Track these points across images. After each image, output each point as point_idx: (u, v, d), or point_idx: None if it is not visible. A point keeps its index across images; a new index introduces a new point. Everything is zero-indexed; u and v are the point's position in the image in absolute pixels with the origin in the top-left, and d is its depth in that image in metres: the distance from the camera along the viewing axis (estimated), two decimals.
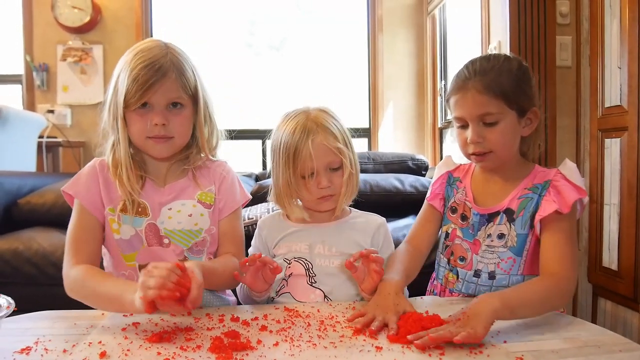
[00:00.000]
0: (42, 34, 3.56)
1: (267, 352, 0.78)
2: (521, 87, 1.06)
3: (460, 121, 1.10)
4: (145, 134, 1.05)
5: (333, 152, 1.08)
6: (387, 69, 3.72)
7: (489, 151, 1.07)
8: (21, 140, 2.79)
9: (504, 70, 1.06)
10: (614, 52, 1.78)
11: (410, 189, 2.12)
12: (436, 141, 3.56)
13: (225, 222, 1.16)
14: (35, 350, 0.80)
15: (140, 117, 1.04)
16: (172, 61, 1.05)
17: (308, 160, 1.06)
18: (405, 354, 0.77)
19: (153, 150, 1.08)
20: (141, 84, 1.00)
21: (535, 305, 0.92)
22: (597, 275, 1.90)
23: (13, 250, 1.82)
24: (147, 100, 1.02)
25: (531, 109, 1.09)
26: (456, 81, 1.10)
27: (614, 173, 1.78)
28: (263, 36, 3.97)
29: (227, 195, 1.17)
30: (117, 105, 1.04)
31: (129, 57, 1.04)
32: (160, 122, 1.04)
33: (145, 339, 0.85)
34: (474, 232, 1.14)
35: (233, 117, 3.79)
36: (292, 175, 1.08)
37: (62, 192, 1.11)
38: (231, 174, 1.21)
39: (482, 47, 2.51)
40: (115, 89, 1.05)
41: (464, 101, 1.07)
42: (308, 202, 1.12)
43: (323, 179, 1.08)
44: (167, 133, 1.06)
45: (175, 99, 1.05)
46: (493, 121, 1.05)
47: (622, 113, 1.73)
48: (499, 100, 1.04)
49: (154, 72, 1.01)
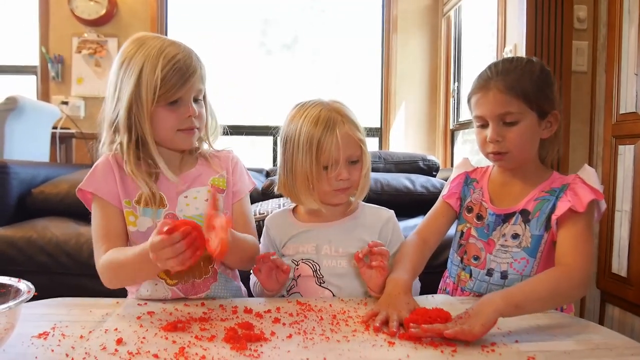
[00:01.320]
0: (58, 26, 3.59)
1: (281, 344, 0.79)
2: (542, 89, 1.07)
3: (480, 120, 1.11)
4: (177, 127, 1.07)
5: (357, 143, 1.10)
6: (401, 69, 3.72)
7: (506, 151, 1.08)
8: (35, 130, 2.83)
9: (526, 72, 1.07)
10: (631, 58, 1.77)
11: (421, 189, 2.12)
12: (447, 143, 3.56)
13: (239, 205, 1.18)
14: (52, 335, 0.82)
15: (171, 112, 1.05)
16: (196, 57, 1.08)
17: (334, 151, 1.06)
18: (417, 349, 0.78)
19: (184, 142, 1.10)
20: (178, 78, 1.02)
21: (544, 297, 0.92)
22: (605, 281, 1.89)
23: (27, 239, 1.85)
24: (180, 94, 1.04)
25: (552, 112, 1.09)
26: (478, 81, 1.11)
27: (627, 180, 1.78)
28: (276, 35, 3.98)
29: (239, 179, 1.20)
30: (140, 102, 1.02)
31: (150, 54, 1.01)
32: (194, 113, 1.06)
33: (160, 328, 0.86)
34: (488, 232, 1.14)
35: (244, 114, 3.81)
36: (314, 166, 1.07)
37: (78, 191, 1.10)
38: (239, 160, 1.24)
39: (497, 50, 2.51)
40: (138, 85, 1.01)
41: (485, 100, 1.08)
42: (323, 194, 1.11)
43: (344, 171, 1.08)
44: (195, 124, 1.09)
45: (199, 91, 1.09)
46: (513, 121, 1.06)
47: (637, 120, 1.73)
48: (520, 100, 1.05)
49: (187, 67, 1.03)
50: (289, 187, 1.13)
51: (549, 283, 0.94)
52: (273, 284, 1.07)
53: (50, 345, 0.77)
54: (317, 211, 1.16)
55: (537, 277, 0.97)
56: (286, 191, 1.15)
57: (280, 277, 1.07)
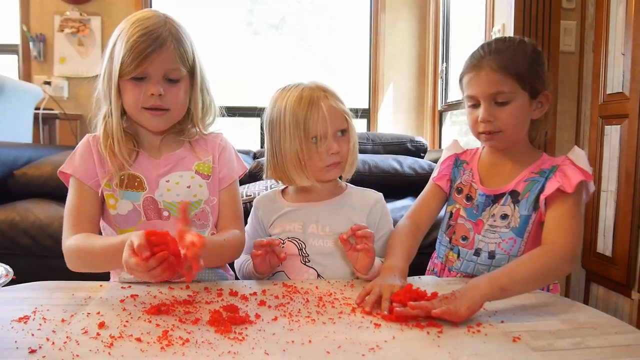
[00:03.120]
0: (39, 4, 3.49)
1: (266, 327, 0.79)
2: (535, 69, 1.07)
3: (472, 100, 1.10)
4: (140, 104, 1.03)
5: (342, 115, 1.10)
6: (389, 49, 3.69)
7: (498, 131, 1.08)
8: (17, 111, 2.76)
9: (519, 51, 1.07)
10: (619, 38, 1.77)
11: (409, 170, 2.12)
12: (435, 124, 3.55)
13: (225, 192, 1.16)
14: (33, 319, 0.80)
15: (135, 87, 1.02)
16: (171, 31, 1.03)
17: (321, 124, 1.06)
18: (403, 331, 0.78)
19: (149, 122, 1.07)
20: (138, 52, 0.98)
21: (529, 278, 0.93)
22: (590, 261, 1.91)
23: (10, 222, 1.82)
24: (143, 69, 1.00)
25: (543, 92, 1.09)
26: (471, 60, 1.11)
27: (613, 160, 1.78)
28: (263, 15, 3.92)
29: (226, 165, 1.17)
30: (111, 74, 1.02)
31: (126, 25, 1.02)
32: (156, 92, 1.02)
33: (144, 311, 0.85)
34: (478, 212, 1.14)
35: (231, 94, 3.76)
36: (303, 143, 1.07)
37: (59, 173, 1.09)
38: (228, 144, 1.20)
39: (485, 29, 2.49)
40: (111, 57, 1.03)
41: (477, 79, 1.08)
42: (316, 171, 1.10)
43: (334, 144, 1.08)
44: (162, 104, 1.04)
45: (171, 70, 1.04)
46: (505, 100, 1.06)
47: (624, 100, 1.73)
48: (513, 79, 1.05)
49: (152, 41, 0.99)
50: (280, 170, 1.12)
51: (532, 263, 0.95)
52: (266, 267, 1.07)
53: (30, 329, 0.76)
54: (306, 192, 1.16)
55: (522, 259, 0.98)
56: (277, 174, 1.13)
57: (273, 262, 1.06)
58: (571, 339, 0.75)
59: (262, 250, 1.03)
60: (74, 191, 1.07)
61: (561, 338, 0.76)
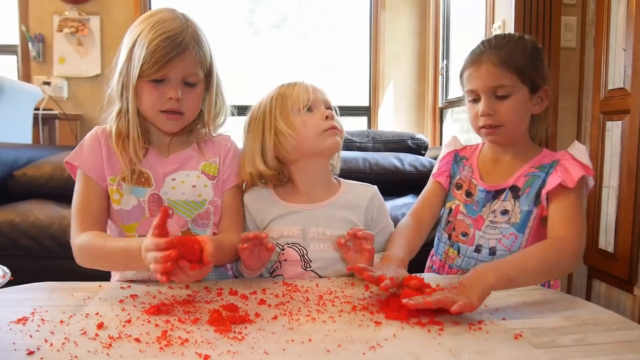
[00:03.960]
0: (38, 4, 3.49)
1: (266, 326, 0.78)
2: (534, 64, 1.09)
3: (472, 94, 1.11)
4: (158, 107, 1.04)
5: (325, 93, 1.15)
6: (389, 47, 3.68)
7: (499, 125, 1.08)
8: (17, 111, 2.76)
9: (519, 46, 1.08)
10: (620, 33, 1.76)
11: (409, 168, 2.11)
12: (436, 121, 3.54)
13: (230, 195, 1.16)
14: (31, 320, 0.80)
15: (154, 89, 1.03)
16: (193, 35, 1.03)
17: (305, 92, 1.10)
18: (404, 329, 0.77)
19: (164, 125, 1.08)
20: (161, 56, 0.98)
21: (535, 270, 0.93)
22: (592, 257, 1.91)
23: (9, 222, 1.81)
24: (164, 73, 1.01)
25: (543, 87, 1.10)
26: (471, 55, 1.12)
27: (614, 156, 1.78)
28: (264, 14, 3.91)
29: (231, 167, 1.17)
30: (129, 74, 1.02)
31: (146, 26, 1.01)
32: (175, 96, 1.03)
33: (143, 311, 0.84)
34: (478, 208, 1.14)
35: (232, 93, 3.75)
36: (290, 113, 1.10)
37: (65, 163, 1.09)
38: (235, 147, 1.20)
39: (486, 26, 2.48)
40: (129, 57, 1.02)
41: (477, 73, 1.08)
42: (312, 140, 1.09)
43: (325, 110, 1.10)
44: (179, 107, 1.05)
45: (191, 75, 1.04)
46: (505, 94, 1.06)
47: (625, 96, 1.72)
48: (513, 74, 1.06)
49: (175, 45, 0.99)
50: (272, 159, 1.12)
51: (540, 256, 0.94)
52: (254, 261, 1.05)
53: (28, 331, 0.75)
54: (300, 191, 1.16)
55: (529, 250, 0.97)
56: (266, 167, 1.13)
57: (263, 256, 1.05)
58: (573, 336, 0.75)
59: (249, 244, 1.01)
60: (82, 186, 1.08)
61: (563, 335, 0.75)
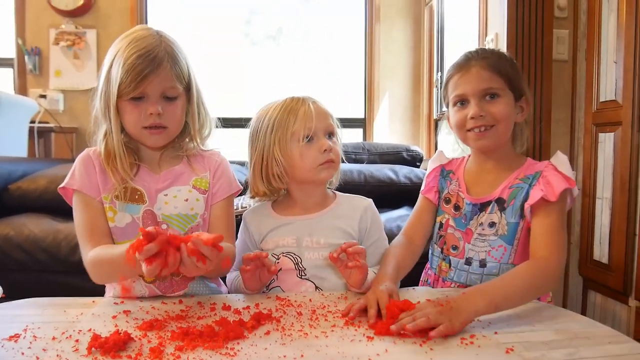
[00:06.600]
0: (35, 17, 3.51)
1: (258, 341, 0.78)
2: (518, 73, 1.14)
3: (460, 98, 1.12)
4: (140, 124, 1.05)
5: (329, 116, 1.13)
6: (384, 59, 3.70)
7: (491, 125, 1.09)
8: (12, 125, 2.76)
9: (502, 56, 1.15)
10: (611, 46, 1.78)
11: (404, 180, 2.12)
12: (431, 132, 3.56)
13: (218, 207, 1.16)
14: (24, 337, 0.80)
15: (134, 108, 1.04)
16: (167, 50, 1.04)
17: (308, 121, 1.09)
18: (396, 343, 0.77)
19: (148, 140, 1.08)
20: (136, 74, 0.99)
21: (521, 294, 0.94)
22: (587, 268, 1.91)
23: (4, 236, 1.81)
24: (141, 90, 1.02)
25: (524, 95, 1.14)
26: (458, 63, 1.15)
27: (607, 167, 1.79)
28: (260, 25, 3.94)
29: (221, 180, 1.17)
30: (109, 95, 1.03)
31: (122, 45, 1.03)
32: (155, 111, 1.03)
33: (136, 327, 0.84)
34: (466, 221, 1.15)
35: (228, 105, 3.77)
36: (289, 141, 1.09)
37: (60, 189, 1.09)
38: (225, 162, 1.21)
39: (479, 39, 2.50)
40: (108, 77, 1.03)
41: (467, 77, 1.11)
42: (307, 172, 1.10)
43: (326, 141, 1.10)
44: (162, 122, 1.06)
45: (169, 89, 1.05)
46: (496, 94, 1.09)
47: (617, 108, 1.74)
48: (501, 78, 1.10)
49: (149, 62, 1.00)
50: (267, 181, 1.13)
51: (526, 279, 0.96)
52: (255, 283, 1.06)
53: (20, 348, 0.75)
54: (296, 204, 1.17)
55: (515, 273, 0.98)
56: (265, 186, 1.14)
57: (264, 277, 1.05)
58: (565, 350, 0.75)
59: (252, 265, 1.02)
60: (82, 206, 1.07)
61: (555, 349, 0.75)
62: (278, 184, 1.13)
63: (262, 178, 1.13)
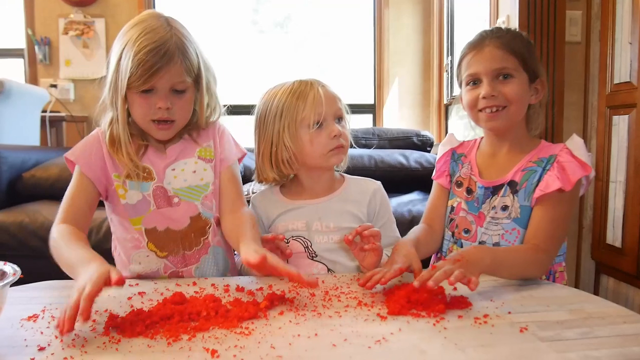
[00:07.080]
0: (44, 7, 3.52)
1: (273, 321, 0.79)
2: (532, 54, 1.11)
3: (473, 77, 1.11)
4: (149, 116, 1.06)
5: (337, 99, 1.12)
6: (393, 44, 3.68)
7: (503, 105, 1.08)
8: (24, 114, 2.79)
9: (517, 35, 1.12)
10: (625, 27, 1.75)
11: (415, 164, 2.11)
12: (441, 117, 3.54)
13: (226, 173, 1.17)
14: (42, 317, 0.81)
15: (143, 100, 1.04)
16: (177, 44, 1.03)
17: (317, 106, 1.08)
18: (409, 323, 0.78)
19: (156, 134, 1.09)
20: (146, 69, 0.99)
21: (515, 270, 0.99)
22: (600, 252, 1.90)
23: (19, 224, 1.84)
24: (152, 84, 1.02)
25: (540, 77, 1.12)
26: (472, 43, 1.13)
27: (621, 150, 1.77)
28: (268, 13, 3.92)
29: (226, 146, 1.18)
30: (118, 85, 1.03)
31: (132, 35, 1.02)
32: (164, 106, 1.04)
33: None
34: (478, 205, 1.14)
35: (235, 92, 3.77)
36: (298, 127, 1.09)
37: (65, 157, 1.11)
38: (227, 130, 1.22)
39: (490, 21, 2.47)
40: (117, 68, 1.03)
41: (480, 56, 1.10)
42: (317, 158, 1.10)
43: (335, 127, 1.09)
44: (170, 116, 1.06)
45: (179, 83, 1.05)
46: (509, 74, 1.08)
47: (631, 90, 1.71)
48: (516, 58, 1.08)
49: (160, 57, 1.00)
50: (276, 166, 1.13)
51: (523, 259, 1.01)
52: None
53: (39, 328, 0.77)
54: (305, 188, 1.17)
55: (518, 251, 1.03)
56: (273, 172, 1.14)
57: None
58: (579, 329, 0.75)
59: (267, 247, 1.02)
60: (74, 180, 1.09)
61: (569, 328, 0.75)
62: (287, 169, 1.13)
63: (272, 164, 1.13)
